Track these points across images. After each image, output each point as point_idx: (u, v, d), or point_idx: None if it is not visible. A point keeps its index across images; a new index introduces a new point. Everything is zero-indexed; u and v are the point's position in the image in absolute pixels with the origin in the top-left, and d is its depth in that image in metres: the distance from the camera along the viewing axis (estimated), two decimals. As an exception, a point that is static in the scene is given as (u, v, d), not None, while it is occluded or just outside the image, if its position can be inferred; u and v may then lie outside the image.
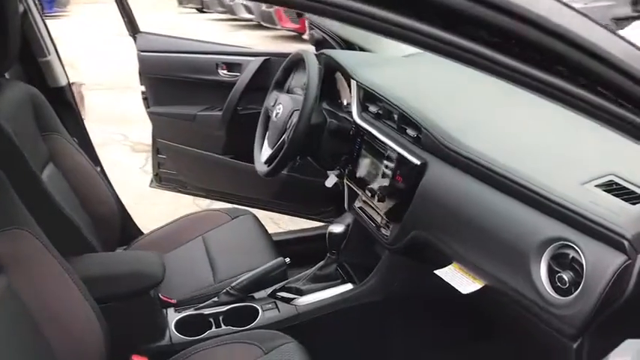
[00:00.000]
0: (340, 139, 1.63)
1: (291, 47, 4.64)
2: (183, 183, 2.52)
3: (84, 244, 1.42)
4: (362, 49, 2.12)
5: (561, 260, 0.89)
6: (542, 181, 0.96)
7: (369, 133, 1.47)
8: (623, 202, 0.88)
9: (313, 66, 1.61)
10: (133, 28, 2.27)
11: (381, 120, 1.48)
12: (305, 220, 2.41)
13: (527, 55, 0.52)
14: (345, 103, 1.78)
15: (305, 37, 5.58)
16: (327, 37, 2.26)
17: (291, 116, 1.67)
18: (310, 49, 2.44)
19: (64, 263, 1.04)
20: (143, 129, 2.87)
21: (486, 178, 1.07)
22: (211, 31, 10.26)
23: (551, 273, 0.90)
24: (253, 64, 2.27)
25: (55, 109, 1.65)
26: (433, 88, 1.51)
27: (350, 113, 1.68)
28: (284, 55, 2.19)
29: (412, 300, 1.50)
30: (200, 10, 13.64)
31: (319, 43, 2.34)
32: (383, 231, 1.41)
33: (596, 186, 0.93)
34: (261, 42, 9.48)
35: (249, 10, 10.42)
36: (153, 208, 3.05)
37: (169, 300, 1.57)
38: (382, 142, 1.41)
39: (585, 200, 0.89)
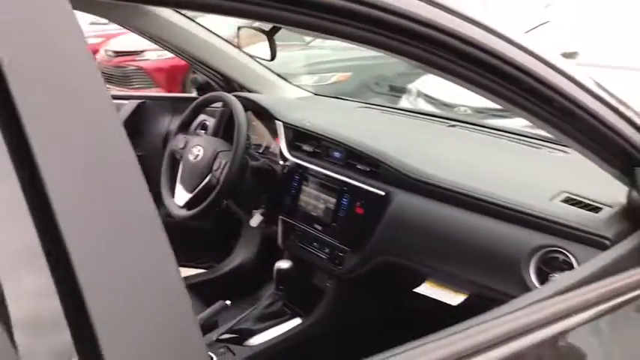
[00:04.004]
0: (263, 179, 1.69)
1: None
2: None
3: None
4: (249, 91, 2.20)
5: (551, 264, 1.08)
6: (519, 200, 1.16)
7: (313, 169, 1.56)
8: (587, 211, 1.11)
9: (240, 109, 1.65)
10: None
11: (319, 157, 1.58)
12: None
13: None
14: (263, 145, 1.85)
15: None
16: (211, 81, 2.29)
17: (216, 158, 1.69)
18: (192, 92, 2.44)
19: None
20: None
21: (459, 202, 1.24)
22: None
23: (542, 275, 1.09)
24: (127, 108, 2.21)
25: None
26: (365, 126, 1.66)
27: (268, 154, 1.75)
28: (160, 99, 2.18)
29: (368, 323, 1.60)
30: None
31: (202, 88, 2.36)
32: (336, 262, 1.50)
33: (560, 201, 1.15)
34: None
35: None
36: None
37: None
38: (331, 178, 1.51)
39: (560, 212, 1.10)
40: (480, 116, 3.49)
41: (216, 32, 2.13)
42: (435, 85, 4.56)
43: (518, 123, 2.37)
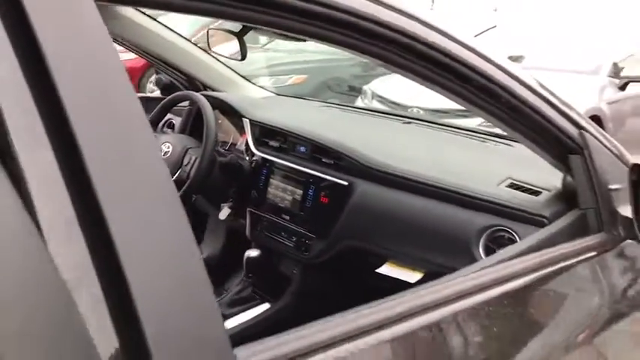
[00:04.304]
0: (230, 174, 1.79)
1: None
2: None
3: None
4: (213, 90, 2.28)
5: (498, 241, 1.22)
6: (469, 186, 1.29)
7: (280, 163, 1.67)
8: (528, 195, 1.25)
9: (209, 107, 1.74)
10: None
11: (285, 152, 1.68)
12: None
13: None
14: (230, 141, 1.94)
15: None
16: (175, 81, 2.36)
17: (185, 154, 1.77)
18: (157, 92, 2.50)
19: None
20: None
21: (415, 189, 1.36)
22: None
23: (489, 252, 1.22)
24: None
25: None
26: (328, 123, 1.78)
27: (235, 150, 1.84)
28: None
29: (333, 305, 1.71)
30: None
31: (166, 88, 2.43)
32: (302, 249, 1.61)
33: (506, 186, 1.29)
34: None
35: None
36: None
37: None
38: (297, 171, 1.61)
39: (506, 196, 1.24)
40: (432, 116, 3.66)
41: (178, 31, 2.20)
42: (388, 87, 4.72)
43: (468, 122, 2.54)
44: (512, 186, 1.30)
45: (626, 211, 1.13)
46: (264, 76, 5.95)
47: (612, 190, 1.12)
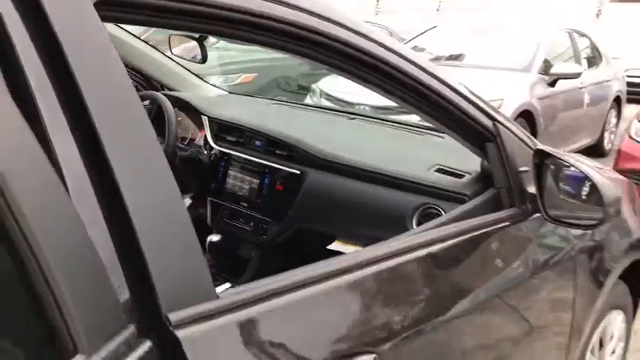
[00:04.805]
0: (191, 167, 1.95)
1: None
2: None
3: None
4: (169, 89, 2.42)
5: (428, 217, 1.43)
6: (404, 171, 1.50)
7: (237, 156, 1.84)
8: (453, 178, 1.47)
9: (170, 105, 1.89)
10: None
11: (242, 146, 1.86)
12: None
13: None
14: (188, 137, 2.09)
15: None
16: (133, 82, 2.49)
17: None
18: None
19: None
20: None
21: (359, 176, 1.57)
22: None
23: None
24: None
25: None
26: (280, 119, 1.96)
27: (194, 145, 2.00)
28: None
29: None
30: None
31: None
32: (260, 232, 1.79)
33: (434, 171, 1.51)
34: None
35: None
36: None
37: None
38: (254, 162, 1.79)
39: (434, 179, 1.46)
40: (375, 112, 3.88)
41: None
42: (336, 86, 4.93)
43: (407, 118, 2.77)
44: (439, 170, 1.52)
45: (532, 189, 1.35)
46: (213, 75, 6.06)
47: (521, 172, 1.34)
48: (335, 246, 1.59)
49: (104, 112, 0.66)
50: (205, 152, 1.95)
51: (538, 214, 1.32)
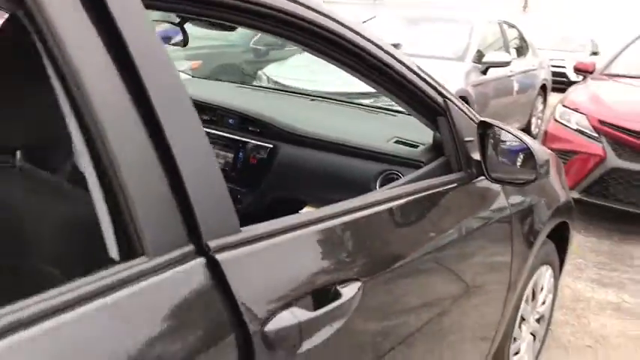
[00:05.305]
0: None
1: None
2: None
3: None
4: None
5: (389, 182, 1.65)
6: (366, 143, 1.71)
7: (212, 133, 2.00)
8: (410, 148, 1.70)
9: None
10: None
11: (215, 124, 2.02)
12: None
13: None
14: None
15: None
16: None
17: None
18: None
19: None
20: None
21: (325, 148, 1.77)
22: None
23: (383, 190, 1.65)
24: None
25: None
26: (248, 100, 2.13)
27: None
28: None
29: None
30: None
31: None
32: (235, 202, 1.96)
33: (394, 142, 1.73)
34: None
35: None
36: None
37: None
38: (228, 139, 1.96)
39: (393, 149, 1.68)
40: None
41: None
42: (282, 72, 5.10)
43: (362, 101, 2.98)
44: (397, 142, 1.74)
45: (476, 156, 1.59)
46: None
47: (467, 141, 1.57)
48: (305, 211, 1.79)
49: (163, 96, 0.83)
50: None
51: (482, 177, 1.56)
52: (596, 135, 4.02)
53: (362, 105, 2.16)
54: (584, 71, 5.17)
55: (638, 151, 3.87)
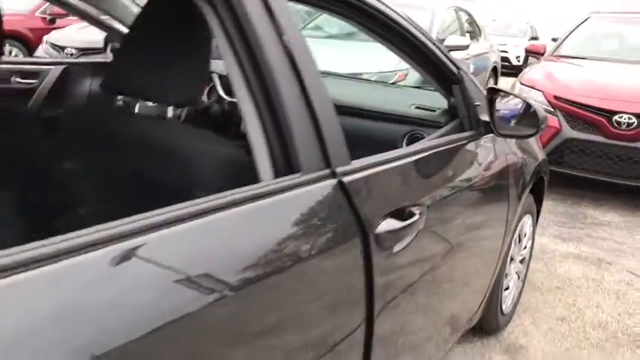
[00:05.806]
0: (218, 116, 2.37)
1: None
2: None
3: None
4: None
5: (415, 140, 1.98)
6: (394, 109, 2.05)
7: None
8: (429, 112, 2.04)
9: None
10: None
11: None
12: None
13: None
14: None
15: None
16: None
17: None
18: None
19: None
20: None
21: (362, 115, 2.09)
22: None
23: (410, 147, 1.99)
24: (54, 72, 2.61)
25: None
26: None
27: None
28: (82, 64, 2.67)
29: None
30: None
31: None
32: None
33: (415, 108, 2.07)
34: None
35: None
36: None
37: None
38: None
39: (416, 113, 2.02)
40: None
41: None
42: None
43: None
44: (418, 108, 2.08)
45: (485, 117, 1.95)
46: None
47: (477, 105, 1.93)
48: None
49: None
50: (218, 105, 2.38)
51: (489, 135, 1.92)
52: (552, 109, 4.50)
53: (378, 82, 2.49)
54: (535, 53, 5.67)
55: (590, 123, 4.37)
